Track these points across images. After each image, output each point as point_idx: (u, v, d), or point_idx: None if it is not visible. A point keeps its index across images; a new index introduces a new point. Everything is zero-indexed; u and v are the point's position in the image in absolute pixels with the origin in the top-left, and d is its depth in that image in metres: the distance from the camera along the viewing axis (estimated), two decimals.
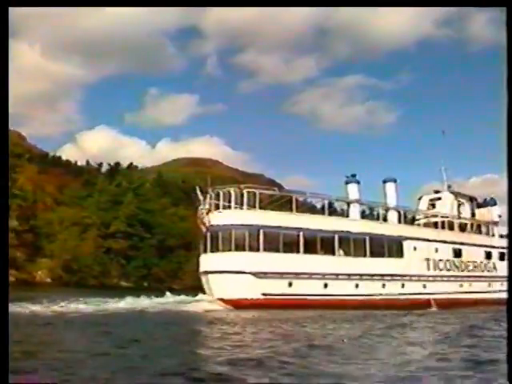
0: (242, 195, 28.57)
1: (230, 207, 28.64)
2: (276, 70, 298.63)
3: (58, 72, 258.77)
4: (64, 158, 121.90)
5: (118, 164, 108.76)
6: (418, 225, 38.44)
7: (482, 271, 38.35)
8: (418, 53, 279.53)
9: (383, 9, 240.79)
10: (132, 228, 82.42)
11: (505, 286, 39.33)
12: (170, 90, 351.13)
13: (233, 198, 28.52)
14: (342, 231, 30.79)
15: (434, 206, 40.16)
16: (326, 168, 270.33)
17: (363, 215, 37.08)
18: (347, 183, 34.84)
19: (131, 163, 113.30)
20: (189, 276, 76.07)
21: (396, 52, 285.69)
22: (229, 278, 27.54)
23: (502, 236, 40.53)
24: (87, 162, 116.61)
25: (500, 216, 41.25)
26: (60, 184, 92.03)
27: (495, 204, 41.79)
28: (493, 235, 40.83)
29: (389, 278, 32.09)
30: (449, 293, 34.79)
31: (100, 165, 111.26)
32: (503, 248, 40.24)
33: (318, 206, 35.07)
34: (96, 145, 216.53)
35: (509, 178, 6.23)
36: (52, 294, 26.05)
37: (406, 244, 33.47)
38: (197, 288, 29.74)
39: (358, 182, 34.89)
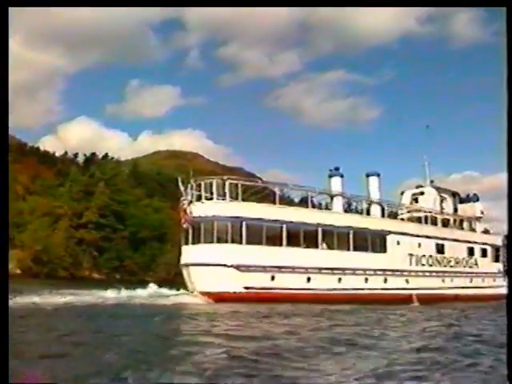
0: (224, 186, 27.58)
1: (212, 199, 27.62)
2: (259, 64, 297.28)
3: (39, 62, 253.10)
4: (44, 149, 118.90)
5: (93, 154, 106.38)
6: (402, 219, 37.84)
7: (464, 267, 38.00)
8: (400, 49, 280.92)
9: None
10: (104, 219, 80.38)
11: (486, 282, 39.31)
12: (153, 82, 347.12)
13: (214, 190, 27.51)
14: (326, 224, 29.96)
15: (416, 200, 39.66)
16: (306, 163, 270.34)
17: (346, 209, 36.40)
18: (330, 176, 34.01)
19: (106, 154, 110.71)
20: (162, 268, 75.18)
21: (379, 48, 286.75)
22: (210, 270, 26.54)
23: (485, 232, 40.33)
24: (65, 152, 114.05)
25: (482, 212, 41.01)
26: (34, 174, 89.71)
27: (478, 200, 41.50)
28: (475, 231, 40.58)
29: (372, 272, 31.46)
30: (431, 288, 34.36)
31: (76, 155, 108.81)
32: (485, 244, 40.07)
33: (296, 199, 34.19)
34: (76, 136, 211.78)
35: (509, 178, 6.08)
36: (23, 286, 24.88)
37: (389, 238, 32.84)
38: (170, 281, 28.81)
39: (342, 176, 34.10)
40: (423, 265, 34.93)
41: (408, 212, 38.33)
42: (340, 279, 29.94)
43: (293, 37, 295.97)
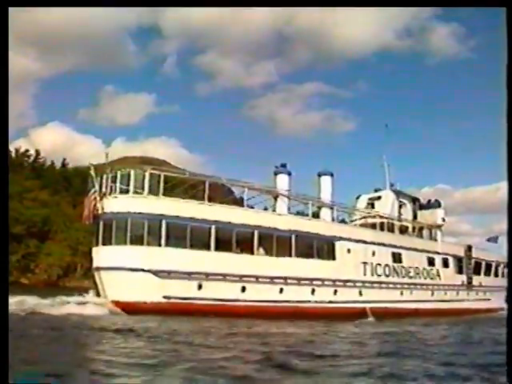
0: (144, 178, 23.73)
1: (128, 192, 23.70)
2: (235, 74, 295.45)
3: (12, 65, 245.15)
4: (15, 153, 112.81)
5: None
6: (355, 226, 34.21)
7: (425, 278, 34.49)
8: (377, 62, 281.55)
9: (345, 16, 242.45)
10: None
11: (448, 296, 35.94)
12: (127, 89, 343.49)
13: (132, 182, 23.64)
14: (264, 227, 26.18)
15: (373, 205, 36.19)
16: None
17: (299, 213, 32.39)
18: (276, 174, 30.28)
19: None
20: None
21: (355, 61, 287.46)
22: (123, 276, 22.58)
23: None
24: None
25: (444, 220, 37.64)
26: None
27: (439, 206, 38.06)
28: (436, 240, 37.18)
29: (319, 282, 27.73)
30: (388, 301, 30.75)
31: None
32: (447, 254, 36.72)
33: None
34: (49, 141, 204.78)
35: (509, 181, 5.70)
36: None
37: (338, 245, 29.21)
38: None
39: (289, 174, 30.36)
40: (379, 275, 31.33)
41: (363, 218, 34.73)
42: (282, 290, 26.16)
43: (270, 47, 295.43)
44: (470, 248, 38.76)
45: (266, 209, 30.86)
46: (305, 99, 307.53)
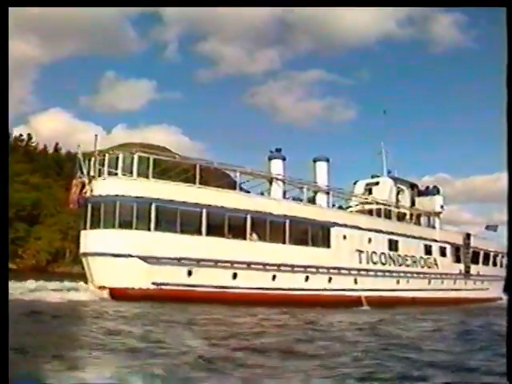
0: (133, 161, 22.96)
1: (116, 174, 22.95)
2: (237, 61, 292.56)
3: (13, 51, 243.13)
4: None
5: None
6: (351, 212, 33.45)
7: (422, 267, 33.83)
8: (380, 51, 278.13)
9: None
10: None
11: (446, 285, 35.38)
12: (128, 75, 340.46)
13: (120, 163, 22.87)
14: (257, 211, 25.41)
15: (370, 191, 35.39)
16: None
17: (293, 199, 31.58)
18: (270, 159, 29.50)
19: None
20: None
21: (358, 49, 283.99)
22: (111, 261, 21.92)
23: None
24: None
25: (442, 207, 36.88)
26: None
27: (438, 193, 37.24)
28: (434, 227, 36.48)
29: (313, 270, 27.07)
30: (383, 290, 30.14)
31: None
32: (445, 242, 36.06)
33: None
34: (49, 127, 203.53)
35: (509, 177, 5.63)
36: None
37: (333, 231, 28.49)
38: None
39: (284, 159, 29.57)
40: (375, 263, 30.67)
41: (360, 204, 33.99)
42: (274, 277, 25.52)
43: (272, 34, 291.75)
44: (468, 236, 38.05)
45: (262, 194, 30.18)
46: (306, 87, 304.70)
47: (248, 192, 28.00)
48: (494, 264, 41.17)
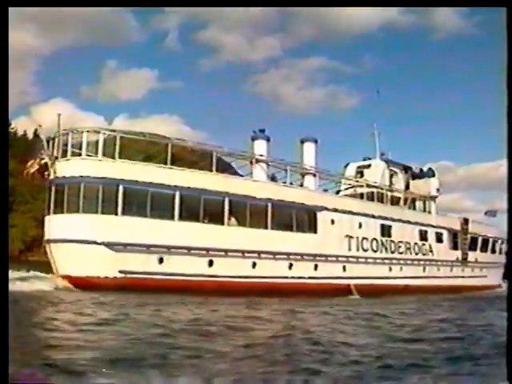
0: (98, 140, 21.27)
1: (80, 155, 21.25)
2: (238, 49, 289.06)
3: (13, 42, 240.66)
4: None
5: None
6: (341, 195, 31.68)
7: (417, 254, 32.10)
8: (382, 37, 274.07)
9: None
10: None
11: (442, 272, 33.75)
12: (129, 65, 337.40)
13: (84, 143, 21.17)
14: (235, 194, 23.64)
15: (362, 174, 33.52)
16: (283, 149, 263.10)
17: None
18: (253, 139, 27.72)
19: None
20: None
21: (360, 36, 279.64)
22: (75, 248, 20.28)
23: None
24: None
25: (438, 190, 34.94)
26: None
27: (433, 175, 35.20)
28: (430, 212, 34.65)
29: (298, 257, 25.40)
30: (374, 278, 28.51)
31: None
32: (441, 228, 34.31)
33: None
34: (51, 118, 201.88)
35: (509, 172, 5.36)
36: None
37: (320, 216, 26.73)
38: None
39: (268, 140, 27.79)
40: (365, 250, 28.98)
41: (351, 187, 32.18)
42: (255, 264, 23.87)
43: (274, 22, 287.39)
44: (466, 221, 36.24)
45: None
46: (308, 74, 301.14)
47: (241, 176, 26.49)
48: (493, 250, 39.42)
